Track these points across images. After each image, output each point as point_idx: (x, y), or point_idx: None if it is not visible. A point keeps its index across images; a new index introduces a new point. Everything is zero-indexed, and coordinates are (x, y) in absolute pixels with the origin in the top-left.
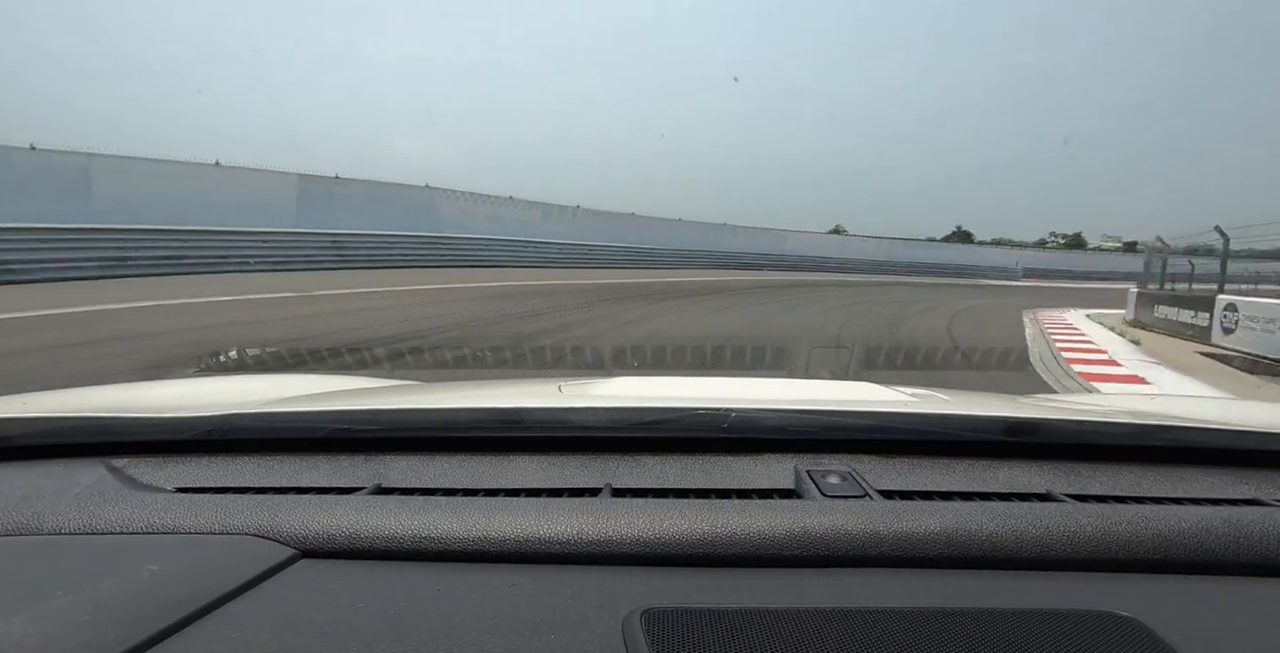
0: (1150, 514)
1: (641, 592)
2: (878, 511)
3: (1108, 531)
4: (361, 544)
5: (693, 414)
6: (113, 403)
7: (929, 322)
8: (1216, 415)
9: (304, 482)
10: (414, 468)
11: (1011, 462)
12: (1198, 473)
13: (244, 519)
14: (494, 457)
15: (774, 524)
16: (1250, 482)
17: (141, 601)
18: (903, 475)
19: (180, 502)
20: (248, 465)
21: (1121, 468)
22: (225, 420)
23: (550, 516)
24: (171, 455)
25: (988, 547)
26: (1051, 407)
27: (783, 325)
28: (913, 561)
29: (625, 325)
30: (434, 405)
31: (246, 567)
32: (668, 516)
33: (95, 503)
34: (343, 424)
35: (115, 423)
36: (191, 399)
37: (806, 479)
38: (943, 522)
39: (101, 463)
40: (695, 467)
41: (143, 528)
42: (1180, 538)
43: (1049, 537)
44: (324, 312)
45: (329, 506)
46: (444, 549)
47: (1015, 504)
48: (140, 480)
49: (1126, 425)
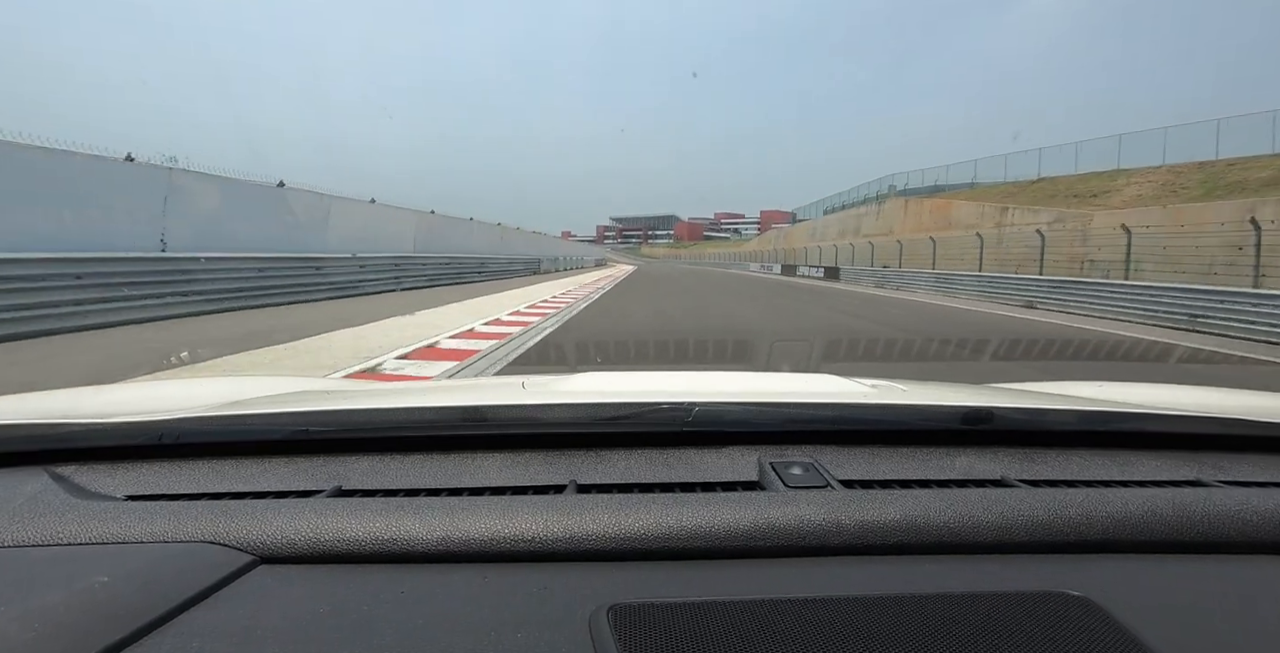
0: (1099, 497)
1: (608, 587)
2: (839, 500)
3: (1059, 514)
4: (322, 548)
5: (656, 409)
6: (57, 408)
7: None
8: (1166, 401)
9: (261, 486)
10: (375, 469)
11: (968, 449)
12: (1144, 456)
13: (199, 526)
14: (457, 455)
15: (738, 516)
16: (1193, 464)
17: (90, 614)
18: (863, 465)
19: (131, 510)
20: (201, 471)
21: (1072, 453)
22: (177, 425)
23: (515, 514)
24: (120, 462)
25: (945, 533)
26: (1005, 395)
27: None
28: (873, 548)
29: None
30: (394, 405)
31: (202, 575)
32: (633, 511)
33: (39, 513)
34: (300, 426)
35: (60, 429)
36: (140, 403)
37: (769, 471)
38: (902, 510)
39: (45, 471)
40: (659, 461)
41: (91, 538)
42: (1128, 519)
43: (1003, 521)
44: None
45: (287, 510)
46: (407, 551)
47: (971, 491)
48: (88, 489)
49: (1076, 412)
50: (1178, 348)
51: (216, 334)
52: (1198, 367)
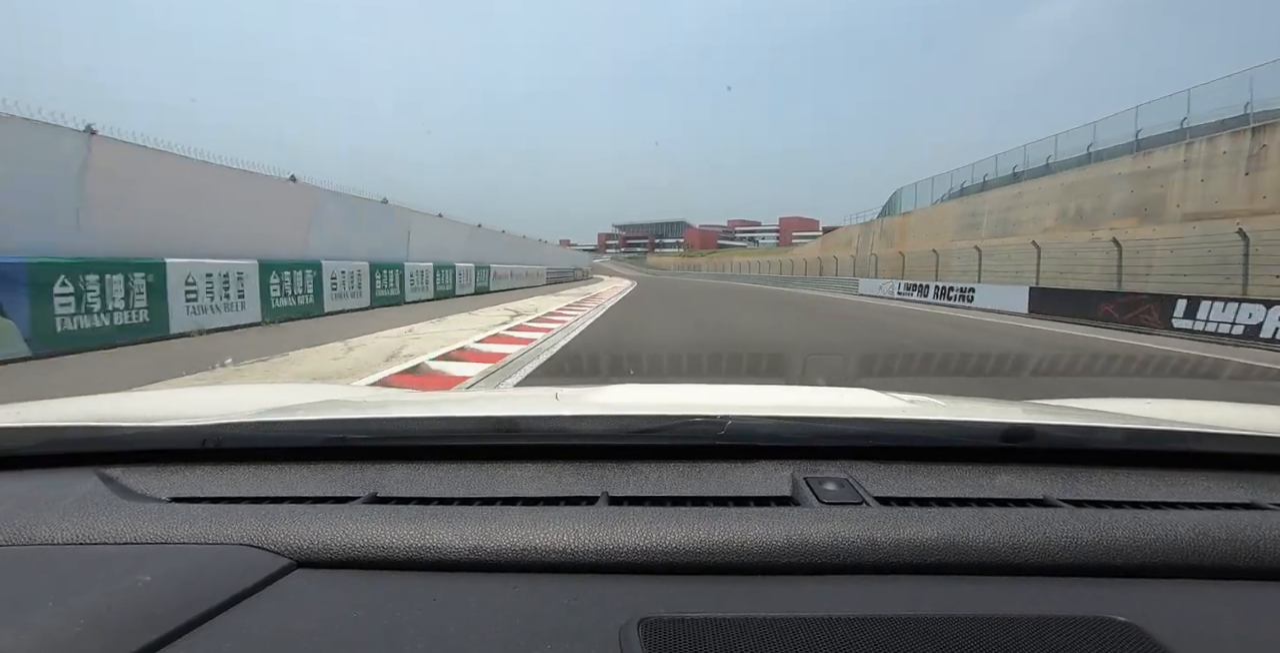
0: (1147, 519)
1: (638, 601)
2: (875, 518)
3: (1105, 536)
4: (357, 554)
5: (689, 422)
6: (106, 412)
7: None
8: (1214, 419)
9: (299, 491)
10: (409, 477)
11: (1008, 468)
12: (1194, 477)
13: (238, 529)
14: (490, 465)
15: (771, 532)
16: (1246, 486)
17: (133, 612)
18: (900, 482)
19: (174, 512)
20: (242, 475)
21: (1118, 473)
22: (219, 430)
23: (546, 524)
24: (165, 465)
25: (985, 553)
26: (1048, 412)
27: None
28: (910, 567)
29: None
30: (429, 414)
31: (241, 577)
32: (664, 524)
33: (88, 513)
34: (338, 433)
35: (109, 432)
36: (185, 408)
37: (803, 486)
38: (940, 529)
39: (95, 473)
40: (692, 475)
41: (136, 538)
42: (1177, 543)
43: (1046, 543)
44: None
45: (324, 515)
46: (440, 559)
47: (1012, 510)
48: (134, 490)
49: (1122, 430)
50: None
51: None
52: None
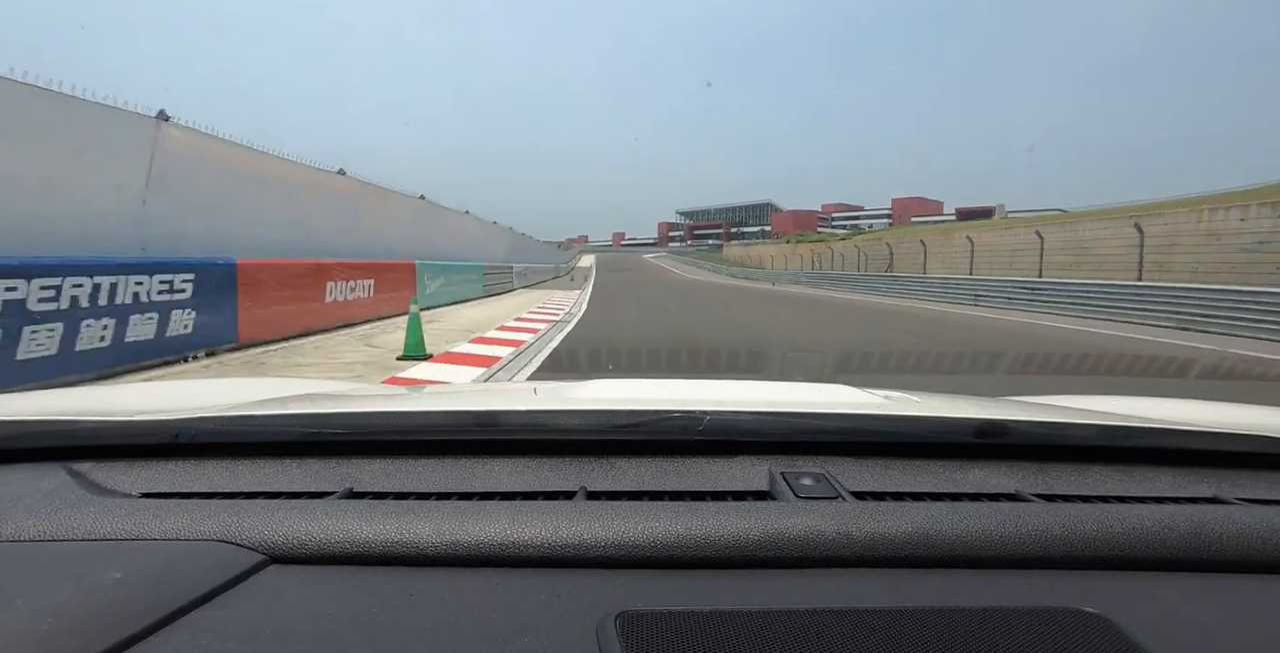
0: (1116, 513)
1: (616, 595)
2: (850, 512)
3: (1075, 529)
4: (332, 549)
5: (667, 417)
6: (75, 406)
7: None
8: (1182, 417)
9: (273, 487)
10: (386, 472)
11: (981, 463)
12: (1162, 472)
13: (211, 525)
14: (468, 460)
15: (748, 526)
16: (1211, 481)
17: (104, 609)
18: (875, 477)
19: (145, 507)
20: (215, 470)
21: (1088, 468)
22: (192, 424)
23: (524, 519)
24: (136, 460)
25: (957, 546)
26: (1021, 408)
27: None
28: (884, 561)
29: None
30: (406, 408)
31: (214, 573)
32: (642, 518)
33: (56, 509)
34: (313, 427)
35: (78, 427)
36: (156, 402)
37: (780, 481)
38: (913, 522)
39: (63, 468)
40: (670, 469)
41: (106, 534)
42: (1144, 536)
43: (1017, 536)
44: None
45: (299, 510)
46: (417, 554)
47: (984, 504)
48: (104, 486)
49: (1093, 426)
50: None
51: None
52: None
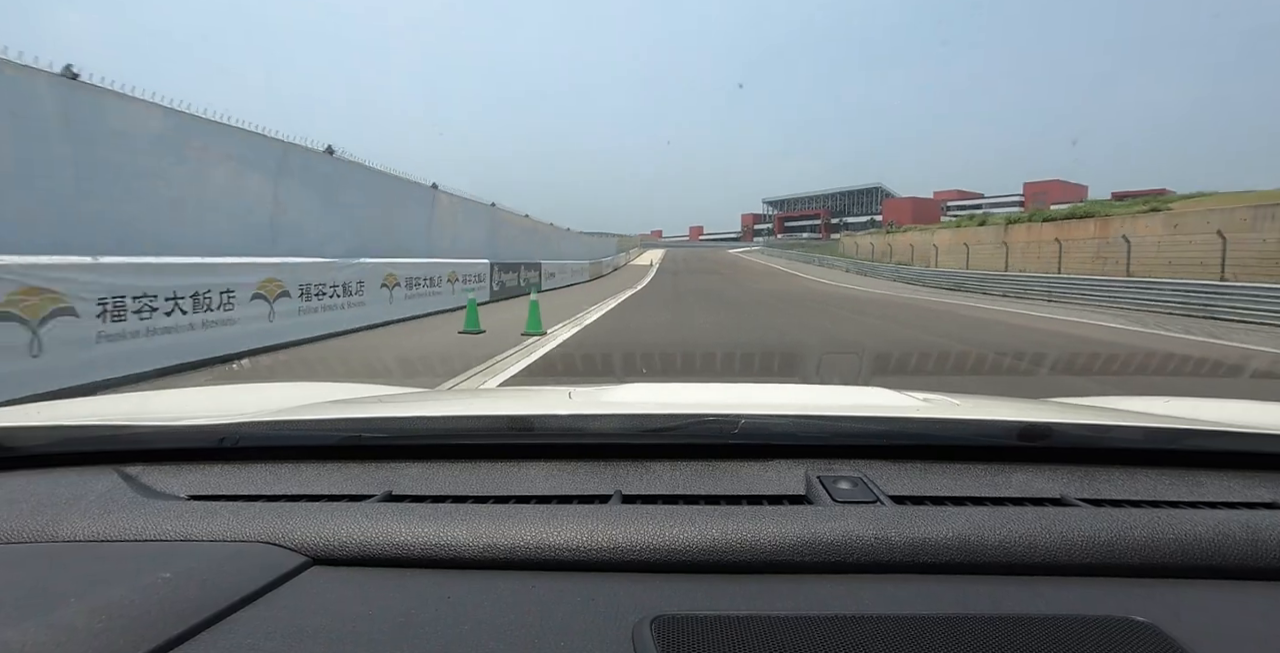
0: (1167, 519)
1: (651, 599)
2: (889, 516)
3: (1123, 535)
4: (372, 552)
5: (703, 421)
6: (125, 411)
7: None
8: (1234, 418)
9: (315, 489)
10: (424, 476)
11: (1024, 466)
12: (1214, 477)
13: (256, 527)
14: (504, 464)
15: (784, 530)
16: (1268, 485)
17: (154, 608)
18: (914, 481)
19: (193, 509)
20: (259, 473)
21: (1137, 472)
22: (237, 429)
23: (560, 523)
24: (184, 463)
25: (1001, 552)
26: (1064, 410)
27: None
28: (925, 566)
29: None
30: (444, 412)
31: (258, 574)
32: (678, 522)
33: (108, 511)
34: (353, 432)
35: (128, 431)
36: (203, 407)
37: (817, 485)
38: (955, 527)
39: (115, 471)
40: (705, 473)
41: (155, 535)
42: (1198, 543)
43: (1063, 542)
44: None
45: (340, 513)
46: (454, 557)
47: (1028, 509)
48: (153, 488)
49: (1141, 429)
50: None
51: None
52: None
